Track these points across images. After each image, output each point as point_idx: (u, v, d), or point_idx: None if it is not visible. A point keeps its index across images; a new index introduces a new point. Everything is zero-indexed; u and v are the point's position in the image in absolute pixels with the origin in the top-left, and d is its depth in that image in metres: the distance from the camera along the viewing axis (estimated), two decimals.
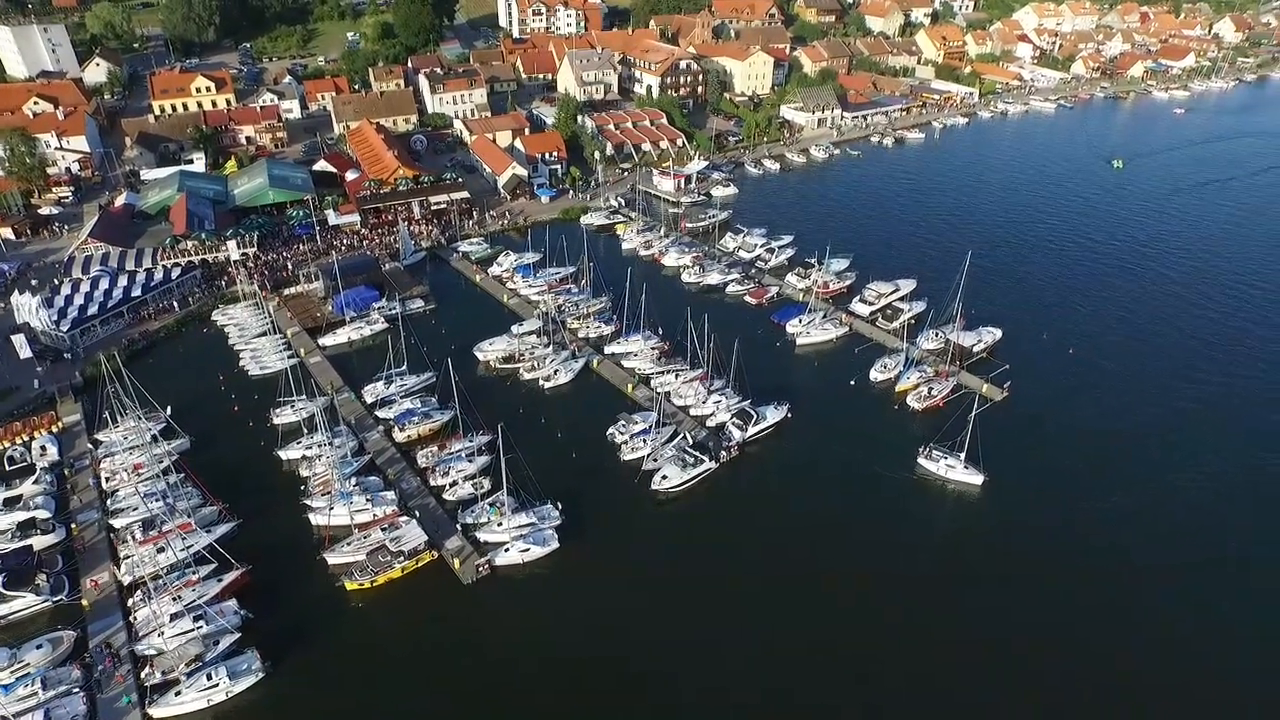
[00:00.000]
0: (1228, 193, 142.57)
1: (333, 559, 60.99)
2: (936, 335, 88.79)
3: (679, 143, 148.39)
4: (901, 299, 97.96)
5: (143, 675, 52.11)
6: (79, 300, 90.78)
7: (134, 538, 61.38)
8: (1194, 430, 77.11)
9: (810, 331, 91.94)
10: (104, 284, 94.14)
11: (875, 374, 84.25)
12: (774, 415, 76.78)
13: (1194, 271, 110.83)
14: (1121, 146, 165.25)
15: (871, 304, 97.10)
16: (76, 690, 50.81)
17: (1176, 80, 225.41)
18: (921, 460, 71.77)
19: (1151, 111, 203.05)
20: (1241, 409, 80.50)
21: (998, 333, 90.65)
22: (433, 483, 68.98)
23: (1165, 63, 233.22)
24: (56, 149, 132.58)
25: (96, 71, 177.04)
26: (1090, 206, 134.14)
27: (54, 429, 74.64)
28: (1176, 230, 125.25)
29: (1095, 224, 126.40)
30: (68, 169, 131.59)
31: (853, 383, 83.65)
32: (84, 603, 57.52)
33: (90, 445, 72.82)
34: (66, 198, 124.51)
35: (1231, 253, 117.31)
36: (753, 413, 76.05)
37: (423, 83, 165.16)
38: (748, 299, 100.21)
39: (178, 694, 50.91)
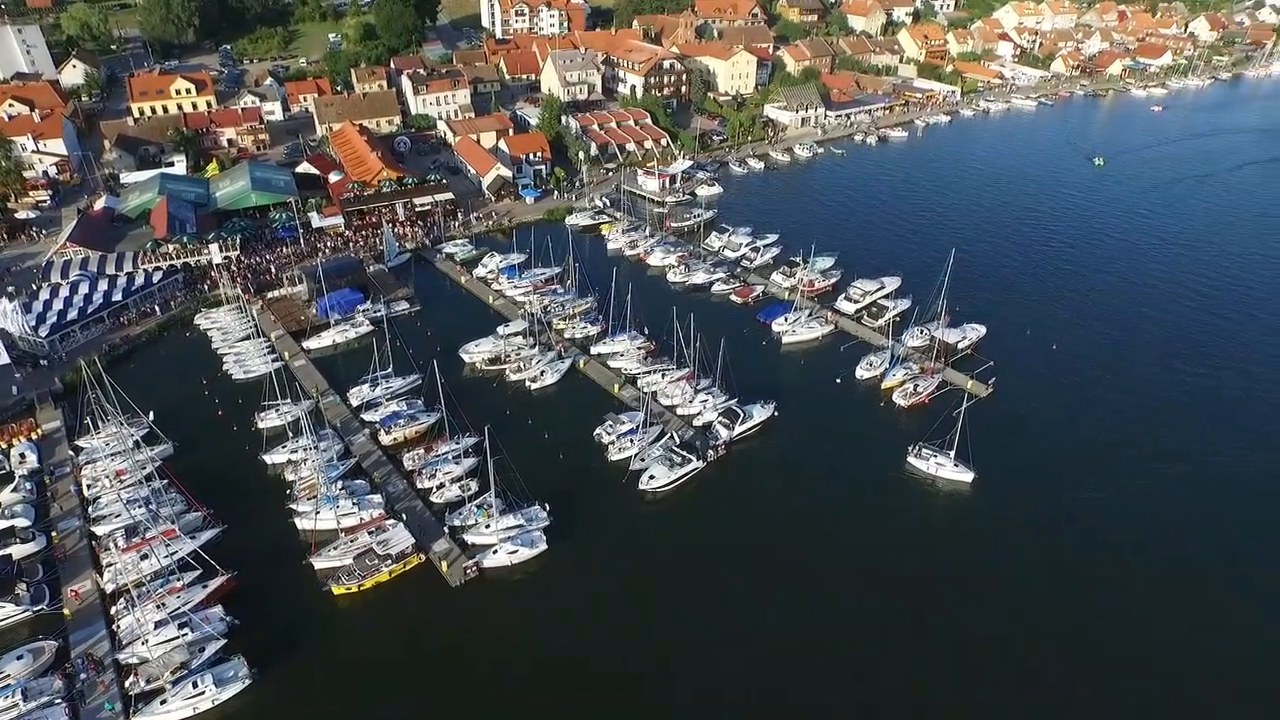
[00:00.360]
0: (1205, 189, 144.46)
1: (319, 563, 60.54)
2: (921, 332, 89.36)
3: (663, 142, 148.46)
4: (886, 296, 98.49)
5: (127, 684, 51.49)
6: (58, 305, 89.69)
7: (116, 545, 60.60)
8: (1178, 423, 77.97)
9: (796, 330, 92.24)
10: (84, 288, 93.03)
11: (861, 372, 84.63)
12: (761, 414, 76.95)
13: (1174, 266, 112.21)
14: (1101, 144, 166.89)
15: (856, 302, 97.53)
16: (58, 701, 50.10)
17: (1154, 78, 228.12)
18: (911, 459, 72.01)
19: (1130, 109, 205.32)
20: (1223, 401, 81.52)
21: (982, 329, 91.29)
22: (420, 485, 68.66)
23: (1143, 61, 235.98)
24: (33, 152, 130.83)
25: (73, 73, 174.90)
26: (1072, 203, 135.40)
27: (33, 436, 73.61)
28: (1156, 226, 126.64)
29: (1077, 221, 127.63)
30: (45, 172, 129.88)
31: (839, 380, 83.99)
32: (65, 612, 56.77)
33: (71, 452, 71.91)
34: (44, 202, 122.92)
35: (1210, 247, 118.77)
36: (739, 411, 76.15)
37: (405, 84, 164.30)
38: (733, 298, 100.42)
39: (163, 702, 50.36)
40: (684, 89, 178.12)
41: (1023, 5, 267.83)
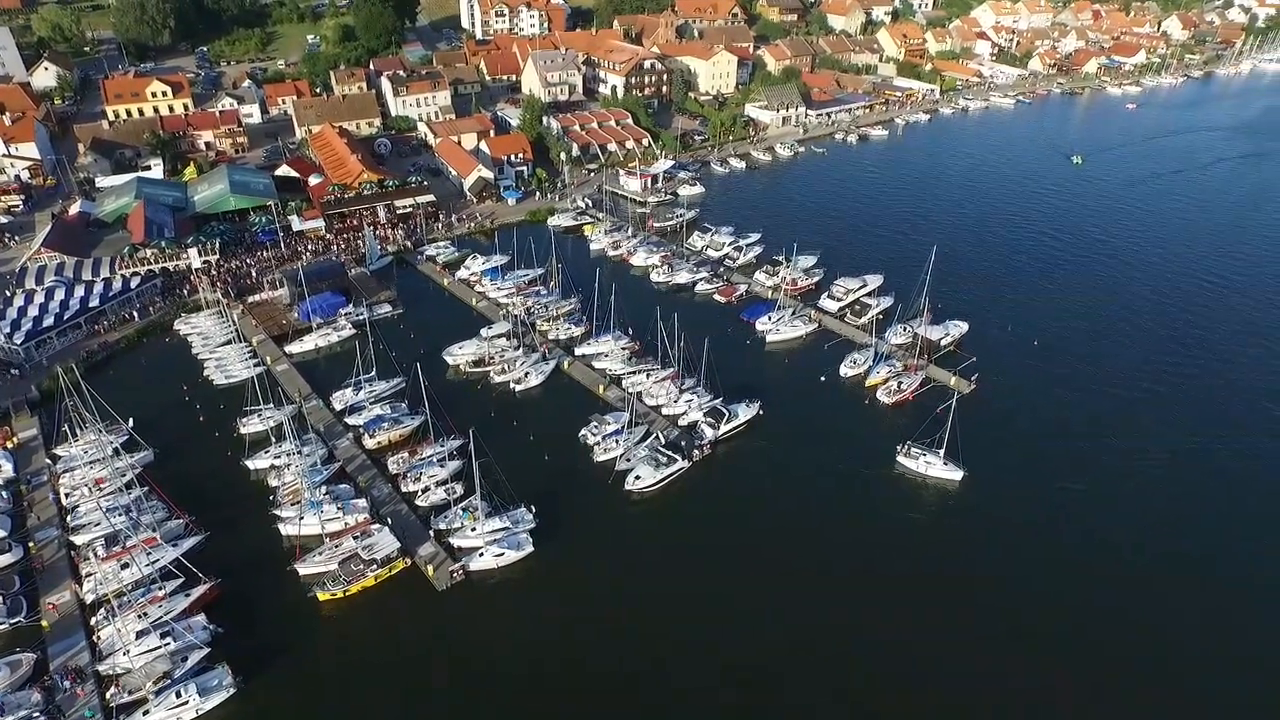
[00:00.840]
0: (1180, 185, 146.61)
1: (304, 569, 60.07)
2: (904, 329, 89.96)
3: (645, 142, 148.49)
4: (869, 294, 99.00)
5: (108, 695, 50.81)
6: (33, 312, 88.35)
7: (96, 554, 59.78)
8: (1160, 416, 78.92)
9: (780, 329, 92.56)
10: (59, 295, 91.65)
11: (845, 369, 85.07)
12: (746, 413, 77.12)
13: (1150, 261, 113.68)
14: (1079, 142, 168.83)
15: (839, 300, 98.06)
16: (37, 715, 49.38)
17: (1129, 76, 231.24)
18: (900, 458, 72.19)
19: (1106, 107, 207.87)
20: (1203, 393, 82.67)
21: (964, 326, 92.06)
22: (404, 489, 68.26)
23: (1118, 59, 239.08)
24: (4, 156, 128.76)
25: (45, 76, 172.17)
26: (1051, 201, 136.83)
27: (8, 445, 72.40)
28: (1133, 222, 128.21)
29: (1056, 218, 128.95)
30: (17, 176, 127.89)
31: (823, 379, 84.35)
32: (44, 623, 55.86)
33: (48, 460, 70.82)
34: (16, 206, 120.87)
35: (1186, 242, 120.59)
36: (724, 411, 76.29)
37: (385, 85, 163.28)
38: (717, 297, 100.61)
39: (146, 714, 49.71)
40: (665, 89, 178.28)
41: (1000, 4, 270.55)
